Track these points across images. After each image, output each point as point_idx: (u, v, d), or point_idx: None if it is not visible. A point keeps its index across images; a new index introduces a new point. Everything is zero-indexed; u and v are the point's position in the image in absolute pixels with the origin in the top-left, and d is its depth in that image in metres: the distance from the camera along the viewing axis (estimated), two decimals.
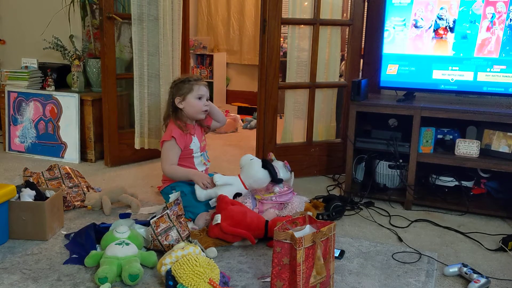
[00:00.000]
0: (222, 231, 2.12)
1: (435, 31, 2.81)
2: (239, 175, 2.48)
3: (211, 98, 2.70)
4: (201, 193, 2.42)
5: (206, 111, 2.59)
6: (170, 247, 2.00)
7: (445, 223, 2.59)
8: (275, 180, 2.46)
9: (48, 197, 2.27)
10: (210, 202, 2.44)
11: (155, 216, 2.11)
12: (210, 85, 3.16)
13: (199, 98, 2.55)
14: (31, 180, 2.55)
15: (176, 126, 2.52)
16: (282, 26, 3.11)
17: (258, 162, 2.47)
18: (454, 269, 2.00)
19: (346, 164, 2.94)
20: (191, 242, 2.07)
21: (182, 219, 2.15)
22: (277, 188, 2.50)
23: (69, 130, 3.54)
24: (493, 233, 2.47)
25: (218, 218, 2.15)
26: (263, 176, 2.44)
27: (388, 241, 2.35)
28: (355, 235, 2.40)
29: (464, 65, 2.79)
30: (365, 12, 3.26)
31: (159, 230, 2.05)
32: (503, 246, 2.27)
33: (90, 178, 3.03)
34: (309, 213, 1.91)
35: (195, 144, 2.58)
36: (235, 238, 2.16)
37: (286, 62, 3.31)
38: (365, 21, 3.29)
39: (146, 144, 3.39)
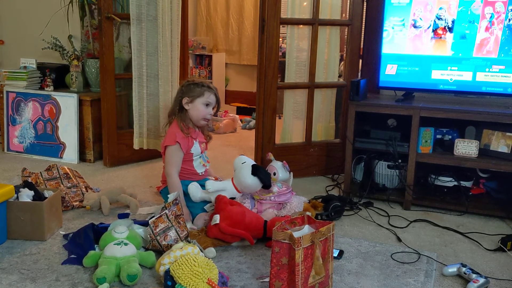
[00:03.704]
0: (221, 231, 2.12)
1: (434, 31, 2.81)
2: (232, 179, 2.44)
3: None
4: (196, 194, 2.40)
5: (208, 120, 2.59)
6: (169, 247, 2.00)
7: (444, 223, 2.59)
8: (266, 186, 2.39)
9: (46, 197, 2.27)
10: (205, 207, 2.44)
11: (153, 216, 2.11)
12: None
13: (206, 105, 2.55)
14: (30, 180, 2.54)
15: (179, 128, 2.52)
16: (281, 26, 3.11)
17: (248, 167, 2.37)
18: (453, 269, 2.00)
19: (345, 164, 2.94)
20: (189, 242, 2.07)
21: (181, 219, 2.14)
22: (275, 188, 2.49)
23: (68, 130, 3.54)
24: (492, 233, 2.47)
25: (217, 218, 2.15)
26: (251, 183, 2.36)
27: (387, 241, 2.35)
28: (354, 235, 2.40)
29: (463, 65, 2.79)
30: (364, 12, 3.27)
31: (157, 230, 2.05)
32: (502, 246, 2.27)
33: (89, 178, 3.03)
34: (308, 213, 1.91)
35: (195, 148, 2.59)
36: (234, 238, 2.16)
37: (285, 62, 3.30)
38: (364, 21, 3.29)
39: (145, 144, 3.38)
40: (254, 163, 2.42)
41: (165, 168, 2.54)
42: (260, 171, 2.37)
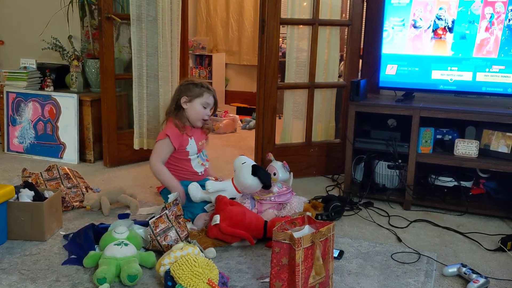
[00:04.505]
0: (221, 231, 2.12)
1: (434, 31, 2.81)
2: (232, 179, 2.43)
3: None
4: (196, 194, 2.39)
5: (205, 120, 2.59)
6: (169, 247, 2.00)
7: (444, 223, 2.59)
8: (266, 187, 2.39)
9: (46, 198, 2.27)
10: (205, 207, 2.44)
11: (154, 217, 2.11)
12: None
13: (204, 107, 2.55)
14: (30, 181, 2.54)
15: (174, 125, 2.51)
16: (281, 26, 3.11)
17: (249, 168, 2.36)
18: (453, 269, 2.00)
19: (345, 164, 2.94)
20: (190, 243, 2.07)
21: (181, 219, 2.14)
22: (276, 189, 2.49)
23: (68, 131, 3.54)
24: (492, 233, 2.47)
25: (217, 218, 2.15)
26: (252, 183, 2.35)
27: (387, 241, 2.35)
28: (354, 236, 2.40)
29: (463, 65, 2.79)
30: (364, 12, 3.27)
31: (158, 230, 2.05)
32: (502, 246, 2.27)
33: (89, 178, 3.03)
34: (308, 213, 1.91)
35: (191, 146, 2.56)
36: (234, 238, 2.16)
37: (285, 63, 3.30)
38: (364, 21, 3.29)
39: (145, 145, 3.38)
40: (254, 163, 2.41)
41: (150, 158, 2.49)
42: (260, 171, 2.37)
